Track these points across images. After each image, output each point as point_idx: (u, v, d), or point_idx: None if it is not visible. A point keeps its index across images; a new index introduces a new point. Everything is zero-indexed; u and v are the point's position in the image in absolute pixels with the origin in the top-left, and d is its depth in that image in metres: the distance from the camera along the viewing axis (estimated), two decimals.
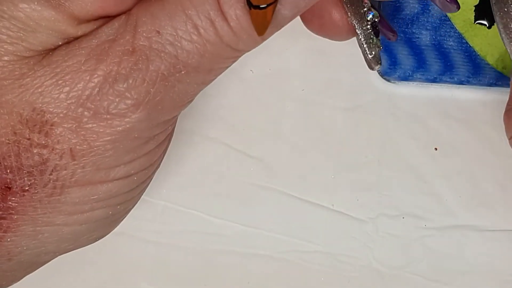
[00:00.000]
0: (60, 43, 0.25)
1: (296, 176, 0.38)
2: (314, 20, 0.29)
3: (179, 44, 0.25)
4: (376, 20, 0.28)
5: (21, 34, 0.25)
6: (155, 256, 0.38)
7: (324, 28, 0.28)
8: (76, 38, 0.25)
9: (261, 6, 0.24)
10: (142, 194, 0.29)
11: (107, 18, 0.25)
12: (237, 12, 0.24)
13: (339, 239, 0.37)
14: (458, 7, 0.28)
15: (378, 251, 0.37)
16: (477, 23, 0.35)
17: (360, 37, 0.28)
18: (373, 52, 0.28)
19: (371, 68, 0.29)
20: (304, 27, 0.30)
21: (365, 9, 0.28)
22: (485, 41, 0.36)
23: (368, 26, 0.28)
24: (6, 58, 0.25)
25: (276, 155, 0.38)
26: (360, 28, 0.28)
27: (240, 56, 0.26)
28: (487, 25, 0.35)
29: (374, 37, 0.28)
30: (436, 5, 0.29)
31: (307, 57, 0.37)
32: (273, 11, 0.24)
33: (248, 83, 0.38)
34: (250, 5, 0.24)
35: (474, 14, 0.35)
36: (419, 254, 0.37)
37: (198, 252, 0.38)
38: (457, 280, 0.37)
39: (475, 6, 0.35)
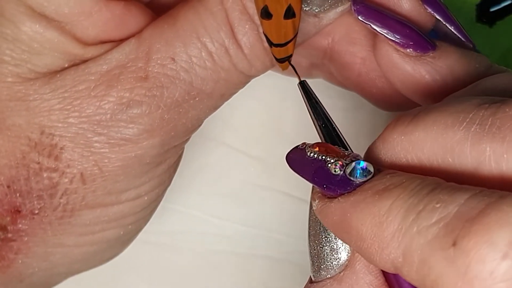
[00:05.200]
0: (67, 65, 0.25)
1: (296, 176, 0.37)
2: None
3: (193, 71, 0.24)
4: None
5: (25, 56, 0.24)
6: (155, 256, 0.38)
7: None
8: (84, 61, 0.25)
9: (282, 43, 0.24)
10: (153, 212, 0.29)
11: (115, 42, 0.25)
12: (250, 40, 0.24)
13: None
14: (474, 46, 0.27)
15: None
16: (479, 22, 0.35)
17: None
18: None
19: None
20: None
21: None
22: (487, 40, 0.35)
23: None
24: (10, 79, 0.25)
25: (276, 155, 0.38)
26: None
27: (249, 81, 0.26)
28: (489, 24, 0.35)
29: None
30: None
31: None
32: (294, 45, 0.24)
33: (248, 83, 0.38)
34: (270, 43, 0.24)
35: (475, 13, 0.35)
36: None
37: (198, 252, 0.38)
38: None
39: (476, 5, 0.35)
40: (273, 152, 0.38)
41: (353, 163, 0.21)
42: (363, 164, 0.21)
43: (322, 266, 0.23)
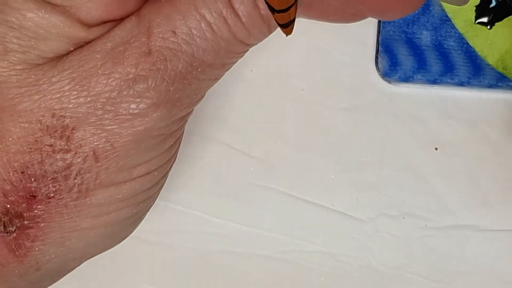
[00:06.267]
0: (72, 48, 0.25)
1: (296, 176, 0.38)
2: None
3: (194, 43, 0.25)
4: None
5: (32, 43, 0.25)
6: (155, 256, 0.38)
7: (387, 7, 0.27)
8: (88, 42, 0.25)
9: (284, 9, 0.24)
10: (160, 190, 0.29)
11: (116, 21, 0.26)
12: (247, 8, 0.25)
13: (339, 239, 0.37)
14: None
15: (378, 251, 0.37)
16: (478, 23, 0.35)
17: None
18: None
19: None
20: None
21: None
22: (486, 41, 0.36)
23: None
24: (19, 67, 0.25)
25: (276, 155, 0.38)
26: None
27: (248, 50, 0.27)
28: (488, 26, 0.35)
29: None
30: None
31: (307, 57, 0.37)
32: (296, 9, 0.24)
33: (248, 83, 0.38)
34: (273, 10, 0.24)
35: (474, 14, 0.35)
36: (419, 254, 0.37)
37: (198, 252, 0.38)
38: (458, 280, 0.37)
39: (476, 6, 0.35)
40: (273, 152, 0.38)
41: None
42: None
43: None
